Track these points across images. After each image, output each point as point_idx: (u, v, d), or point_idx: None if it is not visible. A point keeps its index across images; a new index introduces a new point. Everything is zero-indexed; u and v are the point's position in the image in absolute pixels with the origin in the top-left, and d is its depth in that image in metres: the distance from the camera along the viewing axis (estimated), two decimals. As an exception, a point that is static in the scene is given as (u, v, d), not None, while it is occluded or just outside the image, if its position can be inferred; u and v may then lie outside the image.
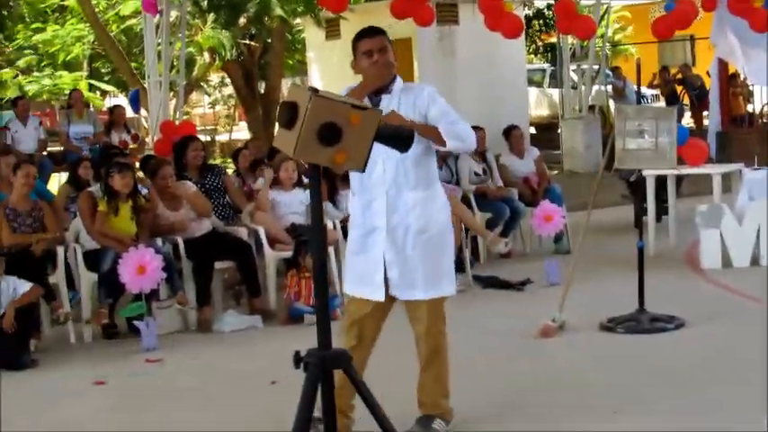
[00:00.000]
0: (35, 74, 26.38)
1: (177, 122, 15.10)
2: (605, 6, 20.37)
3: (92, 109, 16.50)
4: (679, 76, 22.35)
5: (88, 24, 23.50)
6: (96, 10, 22.51)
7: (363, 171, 4.09)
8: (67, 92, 23.55)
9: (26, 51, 26.71)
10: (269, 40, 22.23)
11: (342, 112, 3.85)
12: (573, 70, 19.99)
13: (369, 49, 5.74)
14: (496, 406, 6.38)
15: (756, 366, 6.77)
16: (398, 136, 4.36)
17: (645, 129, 8.34)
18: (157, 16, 15.20)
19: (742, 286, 9.40)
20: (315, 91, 3.86)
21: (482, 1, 14.25)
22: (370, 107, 4.21)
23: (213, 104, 34.89)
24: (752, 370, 6.73)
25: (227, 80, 27.91)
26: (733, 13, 14.12)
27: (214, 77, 31.01)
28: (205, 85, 30.92)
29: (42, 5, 26.59)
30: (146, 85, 17.60)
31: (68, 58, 26.30)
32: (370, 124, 3.93)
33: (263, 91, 23.09)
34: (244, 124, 29.81)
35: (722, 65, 18.00)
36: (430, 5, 14.20)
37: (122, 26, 23.47)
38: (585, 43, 19.13)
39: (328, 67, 22.62)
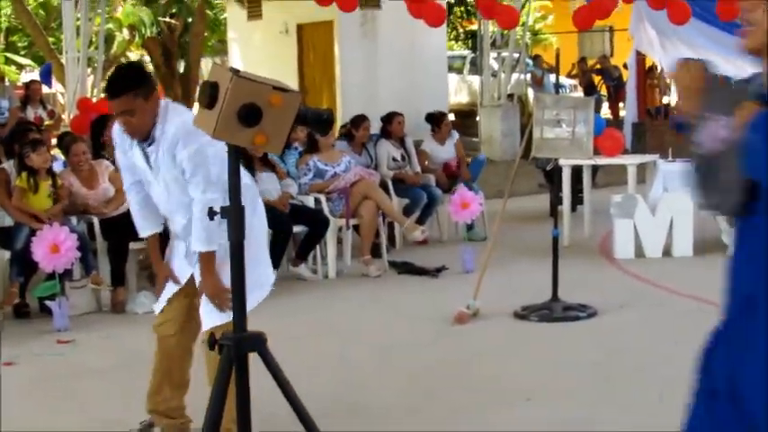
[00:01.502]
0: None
1: (95, 99, 14.95)
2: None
3: (7, 83, 16.13)
4: (597, 66, 22.61)
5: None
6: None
7: (281, 153, 4.09)
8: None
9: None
10: (189, 19, 22.09)
11: (263, 93, 3.83)
12: (493, 58, 20.13)
13: (114, 112, 5.18)
14: (408, 393, 6.42)
15: (664, 356, 6.91)
16: (318, 119, 4.35)
17: (562, 118, 8.41)
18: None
19: (654, 276, 9.56)
20: (236, 72, 3.83)
21: (404, -12, 14.26)
22: (292, 89, 4.05)
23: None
24: (660, 359, 6.86)
25: (147, 58, 27.71)
26: (652, 6, 14.31)
27: (133, 55, 30.74)
28: (124, 62, 30.62)
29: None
30: (63, 61, 17.44)
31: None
32: (291, 106, 3.91)
33: (182, 70, 23.02)
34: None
35: (640, 57, 18.28)
36: (353, -9, 14.14)
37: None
38: (506, 31, 19.25)
39: (249, 48, 22.66)
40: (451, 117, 16.47)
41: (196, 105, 3.99)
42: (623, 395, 6.16)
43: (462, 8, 24.04)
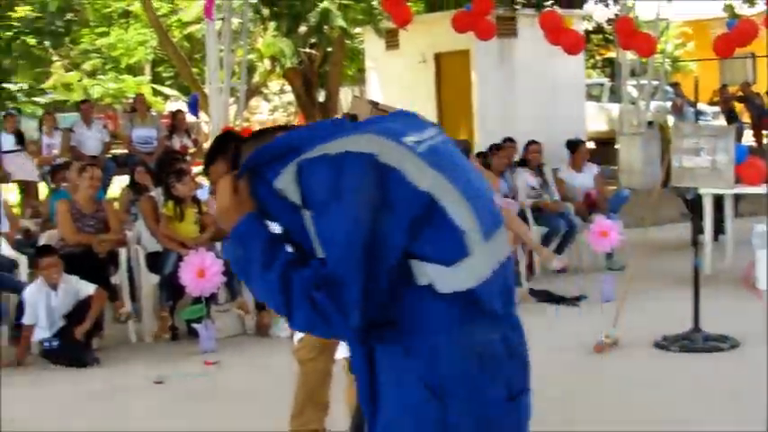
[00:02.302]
0: (99, 77, 26.65)
1: (238, 128, 15.23)
2: (665, 22, 20.24)
3: (154, 113, 16.62)
4: (740, 93, 22.09)
5: (151, 29, 23.78)
6: (159, 14, 22.78)
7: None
8: (131, 95, 23.87)
9: (91, 55, 26.99)
10: (329, 49, 22.32)
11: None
12: (632, 85, 19.83)
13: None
14: (547, 421, 6.40)
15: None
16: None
17: (702, 147, 8.29)
18: (219, 23, 15.35)
19: None
20: (375, 104, 3.98)
21: (543, 16, 14.30)
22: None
23: (273, 111, 34.97)
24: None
25: (287, 87, 28.08)
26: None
27: (274, 84, 31.18)
28: (265, 92, 31.09)
29: (107, 10, 26.93)
30: (206, 91, 17.81)
31: (131, 62, 26.66)
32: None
33: (321, 99, 23.21)
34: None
35: (784, 84, 17.92)
36: (490, 19, 14.22)
37: (185, 32, 23.72)
38: (645, 59, 19.02)
39: (387, 77, 22.68)
40: (590, 145, 16.32)
41: None
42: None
43: (600, 36, 23.79)
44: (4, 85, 25.48)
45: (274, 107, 34.80)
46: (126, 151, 14.84)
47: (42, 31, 26.15)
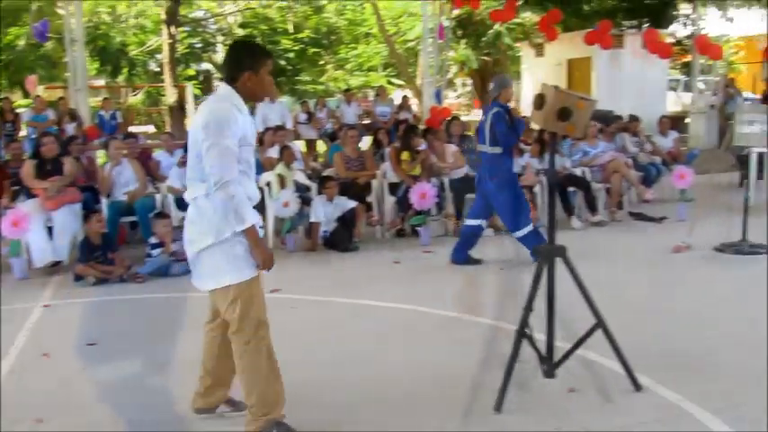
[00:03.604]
0: (355, 73, 27.08)
1: (439, 107, 15.33)
2: (726, 37, 19.17)
3: (391, 96, 16.77)
4: (779, 87, 20.62)
5: (384, 44, 24.01)
6: (389, 34, 22.95)
7: (584, 137, 4.18)
8: (374, 85, 24.14)
9: (349, 60, 27.43)
10: (498, 57, 22.07)
11: (573, 100, 3.96)
12: (700, 80, 18.94)
13: (272, 69, 3.60)
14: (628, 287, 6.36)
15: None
16: (605, 117, 4.45)
17: (755, 120, 7.95)
18: (430, 39, 15.40)
19: None
20: (556, 87, 4.00)
21: (646, 33, 13.83)
22: (591, 98, 4.08)
23: (458, 97, 34.78)
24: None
25: (467, 81, 27.96)
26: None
27: (460, 80, 31.02)
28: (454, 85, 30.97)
29: (356, 33, 27.34)
30: (417, 83, 17.97)
31: (370, 64, 26.99)
32: (589, 108, 4.03)
33: (491, 90, 23.05)
34: (476, 111, 29.77)
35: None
36: (610, 35, 13.81)
37: (405, 46, 23.84)
38: (711, 62, 18.07)
39: (535, 76, 22.28)
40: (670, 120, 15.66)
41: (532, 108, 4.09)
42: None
43: (680, 46, 22.67)
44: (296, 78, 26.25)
45: (459, 95, 34.57)
46: (370, 121, 15.02)
47: (320, 44, 26.81)
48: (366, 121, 14.95)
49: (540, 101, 3.95)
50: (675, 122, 20.94)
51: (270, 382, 3.55)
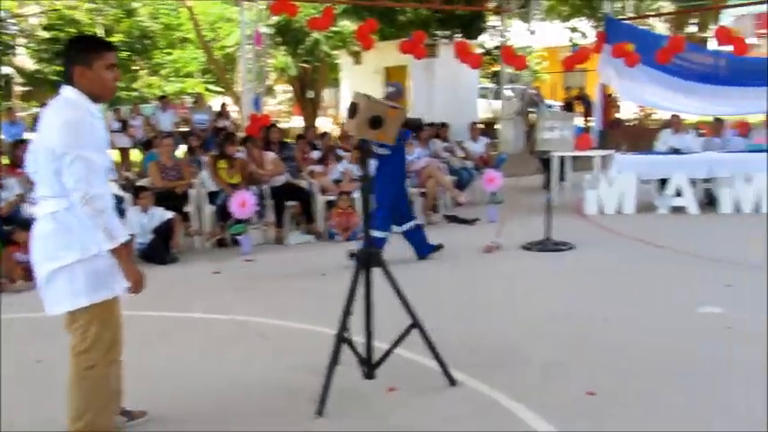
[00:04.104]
0: (170, 79, 26.32)
1: (259, 115, 15.19)
2: (530, 48, 20.37)
3: (209, 104, 16.44)
4: (576, 94, 22.20)
5: (201, 50, 23.53)
6: (207, 40, 22.52)
7: (393, 144, 4.31)
8: (191, 92, 23.59)
9: (163, 65, 26.61)
10: (317, 64, 22.22)
11: (384, 109, 4.11)
12: (508, 89, 20.02)
13: (113, 63, 3.35)
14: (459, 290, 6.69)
15: (618, 270, 7.07)
16: (416, 124, 4.63)
17: (555, 126, 8.51)
18: (249, 47, 15.25)
19: (609, 225, 9.58)
20: (368, 96, 4.12)
21: (457, 44, 14.44)
22: (401, 106, 4.25)
23: (278, 104, 34.67)
24: (616, 272, 7.02)
25: (287, 88, 27.95)
26: (613, 55, 14.24)
27: (280, 87, 30.93)
28: (274, 91, 30.79)
29: (172, 38, 26.63)
30: (236, 90, 17.71)
31: (186, 71, 26.36)
32: (400, 116, 4.19)
33: (311, 96, 23.15)
34: (296, 118, 29.90)
35: (603, 87, 18.06)
36: (422, 46, 14.30)
37: (223, 52, 23.46)
38: (518, 72, 19.16)
39: (354, 83, 22.62)
40: (481, 126, 16.46)
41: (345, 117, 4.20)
42: (600, 292, 6.31)
43: (489, 56, 23.84)
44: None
45: (279, 102, 34.47)
46: (188, 129, 14.66)
47: (133, 48, 25.82)
48: (183, 129, 14.61)
49: (353, 109, 4.06)
50: (487, 128, 22.08)
51: (106, 413, 3.41)
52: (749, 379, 4.28)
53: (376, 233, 7.36)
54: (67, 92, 3.32)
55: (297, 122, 27.83)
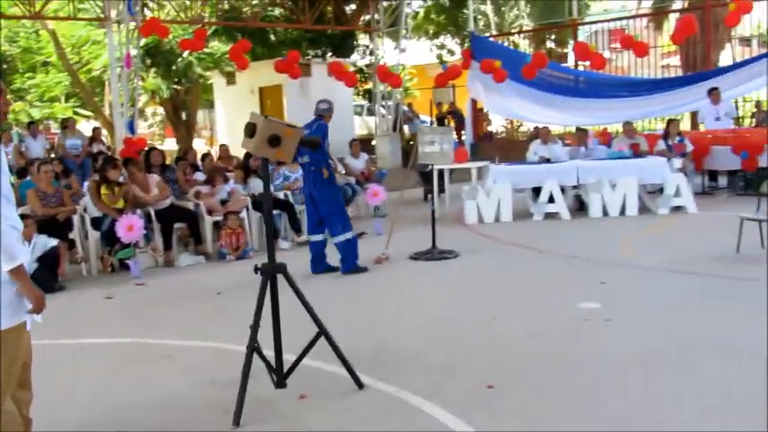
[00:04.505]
0: (36, 104, 25.25)
1: (134, 138, 14.96)
2: (402, 66, 20.94)
3: (79, 129, 15.96)
4: (448, 108, 22.91)
5: (65, 73, 22.83)
6: (73, 62, 21.90)
7: (291, 162, 4.46)
8: (59, 116, 22.78)
9: (28, 90, 25.52)
10: (189, 85, 22.01)
11: (281, 128, 4.29)
12: (382, 105, 20.51)
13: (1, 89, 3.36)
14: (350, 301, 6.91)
15: (500, 274, 7.50)
16: (311, 142, 4.84)
17: (435, 140, 8.88)
18: (118, 69, 15.02)
19: (489, 233, 10.03)
20: (266, 117, 4.29)
21: (331, 64, 14.81)
22: (297, 126, 4.43)
23: (150, 126, 33.92)
24: (498, 276, 7.45)
25: (158, 110, 27.45)
26: (482, 71, 14.93)
27: (150, 109, 30.29)
28: (145, 114, 30.10)
29: (32, 61, 25.65)
30: (105, 113, 17.27)
31: (50, 95, 25.42)
32: (296, 135, 4.38)
33: (184, 118, 22.89)
34: (169, 140, 29.39)
35: (473, 102, 18.84)
36: (297, 66, 14.55)
37: (89, 76, 22.85)
38: (390, 89, 19.68)
39: (227, 103, 22.63)
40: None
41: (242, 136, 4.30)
42: (486, 295, 6.68)
43: (362, 75, 24.33)
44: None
45: (150, 124, 33.76)
46: (61, 155, 14.21)
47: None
48: (53, 156, 14.16)
49: (251, 129, 4.22)
50: (363, 144, 22.48)
51: None
52: (629, 365, 4.72)
53: (344, 237, 7.85)
54: None
55: (169, 145, 27.40)
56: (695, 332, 5.29)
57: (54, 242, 8.11)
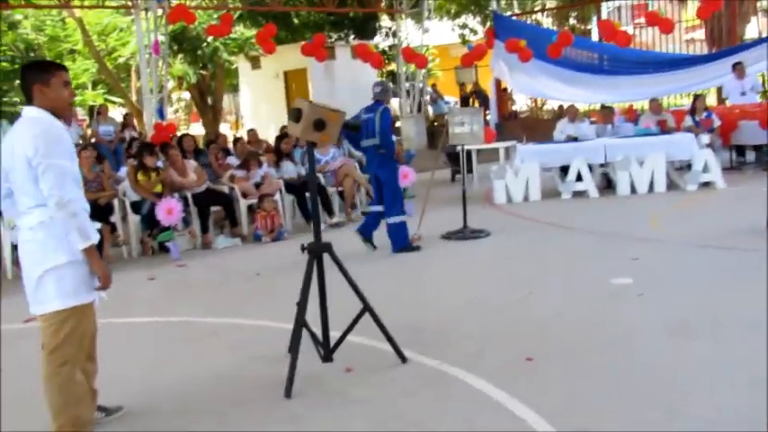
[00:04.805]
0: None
1: (164, 123, 15.18)
2: (426, 47, 20.99)
3: (112, 116, 16.15)
4: (472, 89, 22.94)
5: (92, 60, 23.10)
6: (99, 50, 22.15)
7: (338, 146, 4.59)
8: (88, 103, 23.05)
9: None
10: (215, 71, 22.22)
11: (326, 112, 4.46)
12: (406, 87, 20.57)
13: (67, 81, 3.65)
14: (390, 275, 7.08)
15: (532, 253, 7.64)
16: (354, 125, 5.01)
17: (465, 120, 9.00)
18: (147, 55, 15.21)
19: (519, 212, 10.17)
20: (311, 102, 4.46)
21: (357, 47, 14.84)
22: (341, 110, 4.55)
23: (176, 112, 34.18)
24: (530, 254, 7.58)
25: (184, 95, 27.70)
26: (507, 51, 14.97)
27: (176, 95, 30.55)
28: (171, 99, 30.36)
29: (59, 49, 25.96)
30: (132, 99, 17.47)
31: (77, 83, 25.73)
32: (340, 119, 4.55)
33: (210, 102, 23.10)
34: (194, 125, 29.67)
35: (497, 82, 18.87)
36: (324, 48, 14.68)
37: (116, 62, 23.10)
38: (414, 70, 19.74)
39: (253, 88, 22.80)
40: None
41: (288, 121, 4.46)
42: (518, 273, 6.83)
43: (385, 56, 24.38)
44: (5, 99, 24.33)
45: (175, 110, 34.05)
46: (95, 141, 14.45)
47: (22, 61, 24.98)
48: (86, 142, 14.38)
49: (297, 114, 4.39)
50: (388, 126, 22.57)
51: (84, 406, 3.65)
52: (663, 338, 4.86)
53: (399, 218, 8.18)
54: (30, 111, 3.60)
55: (195, 130, 27.65)
56: (727, 306, 5.41)
57: (97, 225, 8.31)
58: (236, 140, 11.62)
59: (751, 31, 19.54)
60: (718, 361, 4.36)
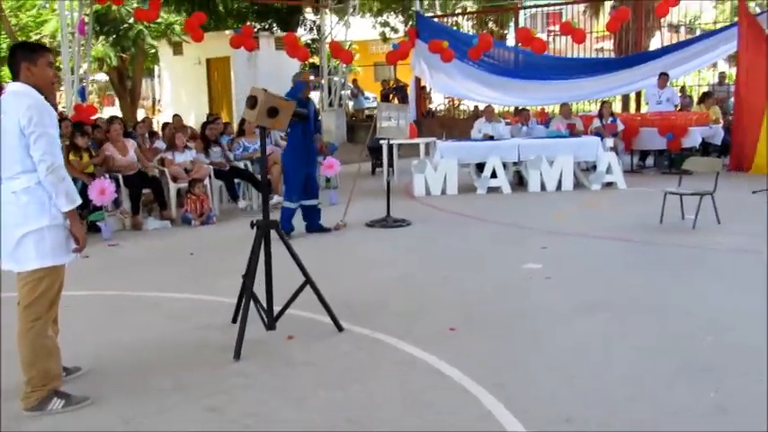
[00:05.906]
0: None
1: (84, 105, 15.12)
2: (349, 43, 21.42)
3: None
4: (393, 85, 23.42)
5: (8, 39, 22.52)
6: (16, 29, 21.65)
7: (286, 130, 4.96)
8: (5, 82, 22.44)
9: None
10: (136, 54, 22.04)
11: (279, 101, 4.90)
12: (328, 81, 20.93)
13: (51, 62, 3.96)
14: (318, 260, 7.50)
15: (448, 240, 8.23)
16: (301, 114, 5.45)
17: (392, 115, 9.50)
18: (69, 36, 15.14)
19: (436, 204, 10.71)
20: (265, 90, 4.88)
21: (285, 38, 15.15)
22: (291, 100, 5.00)
23: (90, 93, 33.47)
24: (446, 240, 8.18)
25: (98, 77, 27.29)
26: (430, 51, 15.56)
27: (99, 76, 29.92)
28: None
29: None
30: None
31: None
32: (290, 107, 4.99)
33: (129, 86, 22.90)
34: (107, 108, 29.25)
35: (417, 80, 19.46)
36: (253, 38, 14.94)
37: (36, 41, 22.56)
38: (336, 64, 20.16)
39: (174, 73, 22.75)
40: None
41: (244, 107, 4.83)
42: (440, 257, 7.38)
43: (308, 48, 24.67)
44: None
45: (90, 91, 33.38)
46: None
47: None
48: None
49: (252, 101, 4.82)
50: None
51: (54, 359, 4.00)
52: (569, 314, 5.52)
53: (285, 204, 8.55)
54: (17, 86, 3.91)
55: (109, 113, 27.24)
56: (621, 288, 6.12)
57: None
58: (165, 125, 11.82)
59: (655, 44, 20.78)
60: (610, 333, 5.04)
